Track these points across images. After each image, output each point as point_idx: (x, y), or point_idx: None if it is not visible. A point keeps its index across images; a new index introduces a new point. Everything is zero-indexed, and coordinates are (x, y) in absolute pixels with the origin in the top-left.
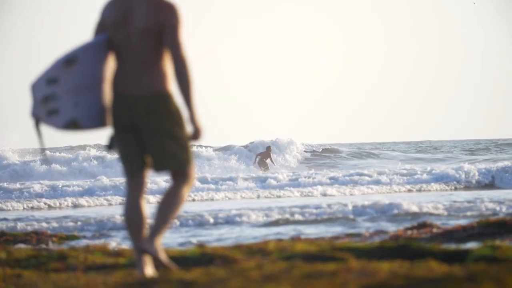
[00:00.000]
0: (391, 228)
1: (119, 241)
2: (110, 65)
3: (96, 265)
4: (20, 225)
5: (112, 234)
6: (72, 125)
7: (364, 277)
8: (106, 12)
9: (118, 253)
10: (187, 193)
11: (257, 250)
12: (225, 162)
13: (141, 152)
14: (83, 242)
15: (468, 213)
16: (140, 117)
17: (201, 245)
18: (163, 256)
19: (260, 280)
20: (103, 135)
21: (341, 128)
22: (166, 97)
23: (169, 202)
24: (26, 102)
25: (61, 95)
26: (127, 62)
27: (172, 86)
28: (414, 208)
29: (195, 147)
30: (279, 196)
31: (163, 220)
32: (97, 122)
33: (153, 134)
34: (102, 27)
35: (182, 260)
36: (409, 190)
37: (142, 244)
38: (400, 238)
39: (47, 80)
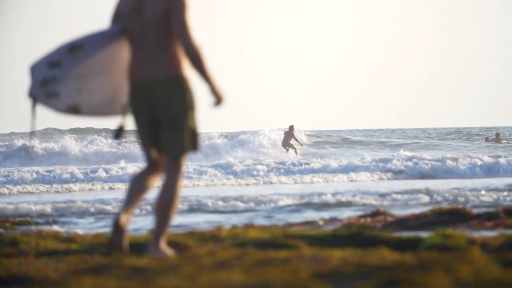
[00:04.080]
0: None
1: (72, 227)
2: (122, 56)
3: (48, 251)
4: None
5: (65, 220)
6: (73, 110)
7: (316, 264)
8: (122, 2)
9: (70, 239)
10: (181, 185)
11: (210, 237)
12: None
13: (157, 138)
14: (36, 228)
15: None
16: (158, 101)
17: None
18: (170, 253)
19: (212, 267)
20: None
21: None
22: (182, 80)
23: (166, 203)
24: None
25: (62, 79)
26: (142, 50)
27: (187, 70)
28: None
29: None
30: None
31: (163, 222)
32: (103, 111)
33: (169, 117)
34: (118, 17)
35: (135, 246)
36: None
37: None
38: (353, 226)
39: (48, 63)
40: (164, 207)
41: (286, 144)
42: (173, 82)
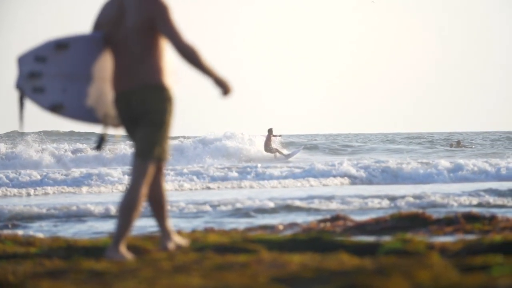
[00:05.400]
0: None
1: (31, 231)
2: (106, 64)
3: (7, 254)
4: None
5: (24, 224)
6: (58, 109)
7: (275, 269)
8: (103, 13)
9: (29, 243)
10: (145, 190)
11: None
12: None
13: None
14: None
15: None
16: (136, 109)
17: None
18: (129, 256)
19: (171, 271)
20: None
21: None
22: (159, 88)
23: (128, 205)
24: None
25: (48, 76)
26: (124, 59)
27: (167, 79)
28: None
29: None
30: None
31: (124, 224)
32: (85, 115)
33: (142, 122)
34: (98, 28)
35: (94, 250)
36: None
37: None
38: (312, 230)
39: (35, 57)
40: (126, 210)
41: (267, 148)
42: (149, 90)
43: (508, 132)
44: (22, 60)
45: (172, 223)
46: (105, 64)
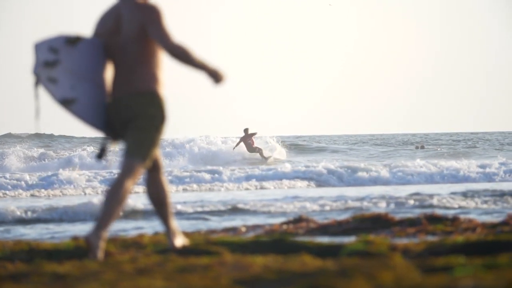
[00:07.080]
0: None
1: None
2: (108, 72)
3: None
4: None
5: None
6: (68, 104)
7: (237, 271)
8: (100, 24)
9: None
10: (130, 186)
11: (132, 243)
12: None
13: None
14: None
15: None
16: (125, 114)
17: (75, 238)
18: (100, 254)
19: (134, 274)
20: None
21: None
22: (148, 95)
23: (112, 195)
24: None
25: (60, 68)
26: (120, 68)
27: (160, 87)
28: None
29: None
30: None
31: (107, 212)
32: (91, 118)
33: (131, 126)
34: (97, 37)
35: (56, 253)
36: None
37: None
38: (275, 232)
39: (49, 47)
40: (110, 200)
41: (250, 148)
42: (139, 96)
43: (473, 133)
44: (38, 48)
45: (140, 225)
46: (108, 72)
